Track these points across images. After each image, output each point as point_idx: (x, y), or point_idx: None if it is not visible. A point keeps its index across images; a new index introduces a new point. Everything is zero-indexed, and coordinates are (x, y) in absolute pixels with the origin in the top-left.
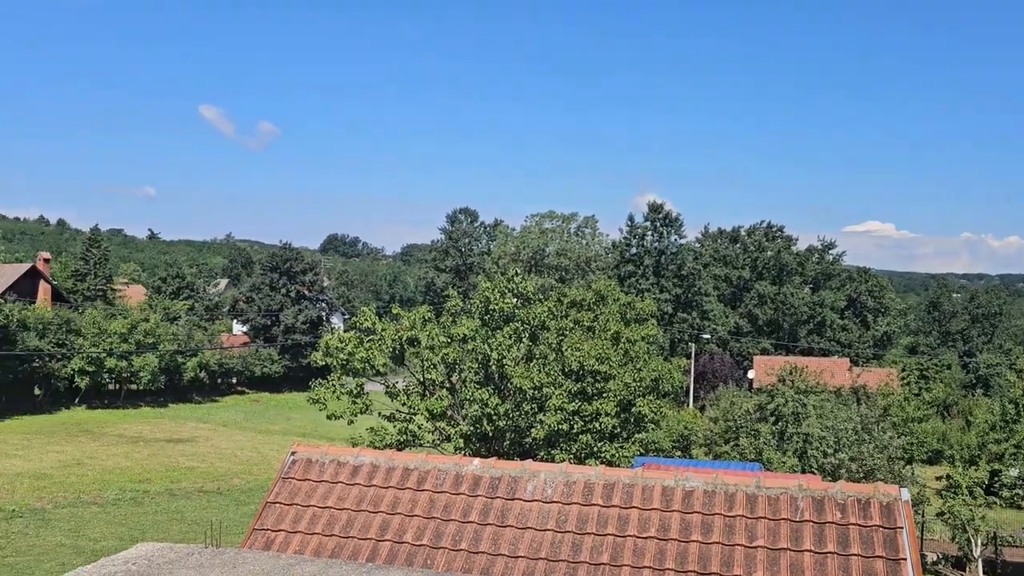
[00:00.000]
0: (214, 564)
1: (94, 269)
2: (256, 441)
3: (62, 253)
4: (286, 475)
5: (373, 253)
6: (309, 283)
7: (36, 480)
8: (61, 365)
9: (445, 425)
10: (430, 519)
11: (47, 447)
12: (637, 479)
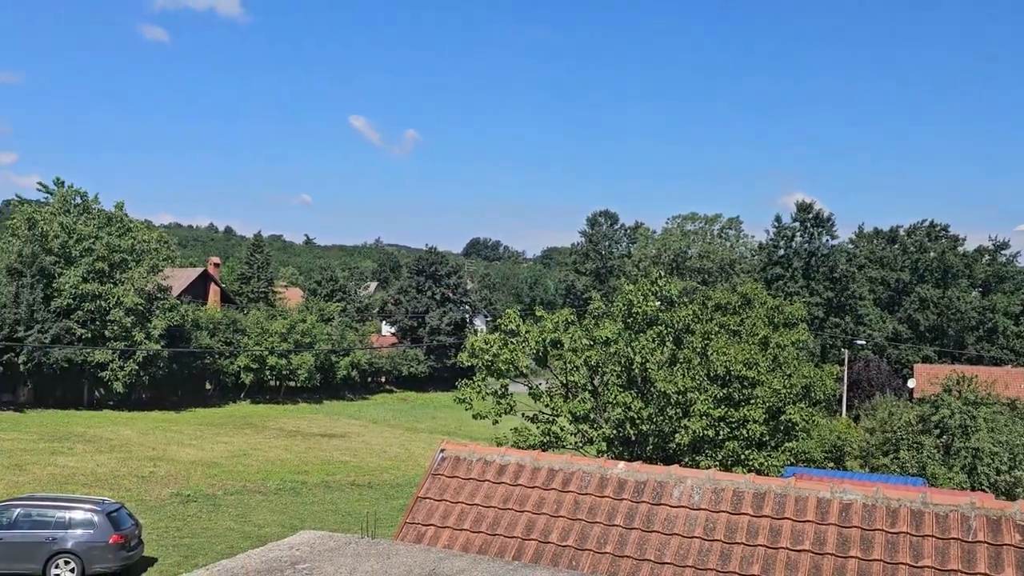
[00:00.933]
0: (370, 554)
1: (257, 273)
2: (404, 438)
3: (229, 258)
4: (436, 472)
5: (514, 256)
6: (453, 286)
7: (208, 468)
8: (228, 362)
9: (587, 428)
10: (575, 520)
11: (217, 438)
12: (789, 489)
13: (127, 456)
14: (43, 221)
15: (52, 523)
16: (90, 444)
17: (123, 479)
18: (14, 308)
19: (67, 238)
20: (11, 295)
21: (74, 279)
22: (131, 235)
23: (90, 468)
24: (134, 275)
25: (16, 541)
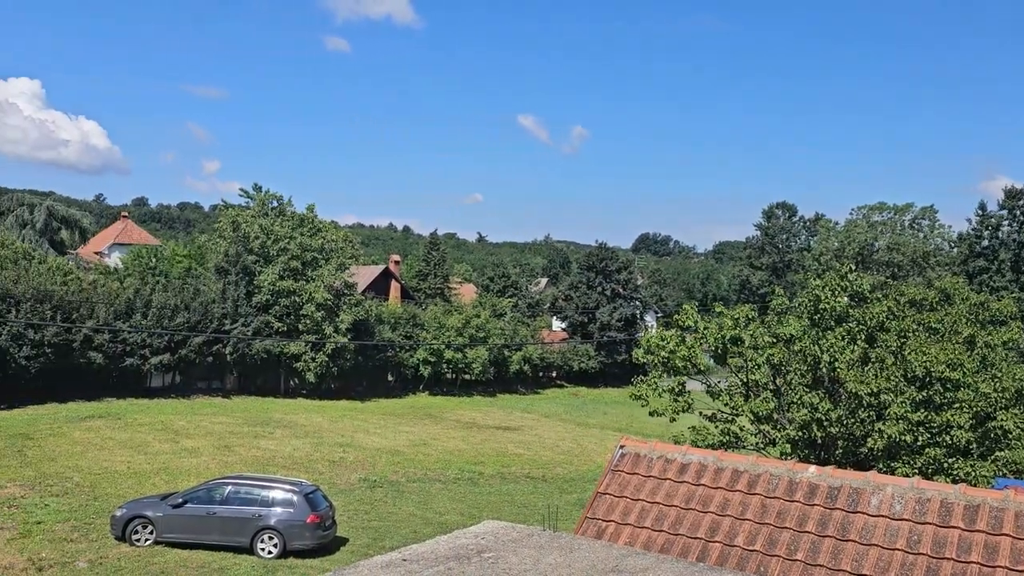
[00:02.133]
0: (552, 547)
1: (433, 270)
2: (575, 433)
3: (408, 256)
4: (615, 468)
5: (685, 251)
6: (623, 282)
7: (392, 456)
8: (408, 355)
9: (770, 428)
10: (762, 524)
11: (399, 427)
12: (1008, 502)
13: (319, 442)
14: (245, 224)
15: (258, 501)
16: (287, 429)
17: (316, 463)
18: (221, 303)
19: (265, 239)
20: (219, 291)
21: (272, 276)
22: (321, 235)
23: (287, 451)
24: (324, 272)
25: (228, 516)
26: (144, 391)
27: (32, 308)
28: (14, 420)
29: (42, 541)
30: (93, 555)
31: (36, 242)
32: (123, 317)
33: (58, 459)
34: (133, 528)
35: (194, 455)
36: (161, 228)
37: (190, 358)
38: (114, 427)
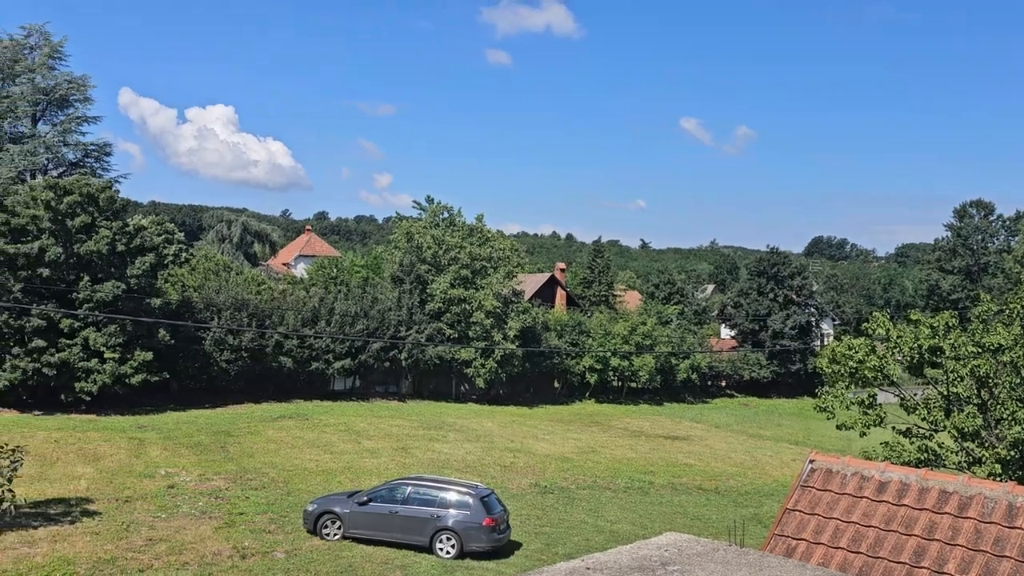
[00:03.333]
0: (740, 563)
1: (598, 277)
2: (748, 445)
3: (572, 263)
4: (805, 483)
5: (863, 255)
6: (797, 287)
7: (561, 462)
8: (575, 362)
9: (975, 446)
10: (976, 552)
11: (566, 434)
12: None
13: (490, 446)
14: (418, 234)
15: (436, 502)
16: (460, 433)
17: (488, 467)
18: (397, 311)
19: (437, 249)
20: (395, 300)
21: (443, 285)
22: (489, 244)
23: (460, 455)
24: (492, 281)
25: (409, 516)
26: (328, 394)
27: (231, 316)
28: (217, 418)
29: (244, 531)
30: (289, 546)
31: (233, 255)
32: (309, 324)
33: (255, 455)
34: (323, 523)
35: (375, 456)
36: (340, 240)
37: (369, 363)
38: (303, 427)
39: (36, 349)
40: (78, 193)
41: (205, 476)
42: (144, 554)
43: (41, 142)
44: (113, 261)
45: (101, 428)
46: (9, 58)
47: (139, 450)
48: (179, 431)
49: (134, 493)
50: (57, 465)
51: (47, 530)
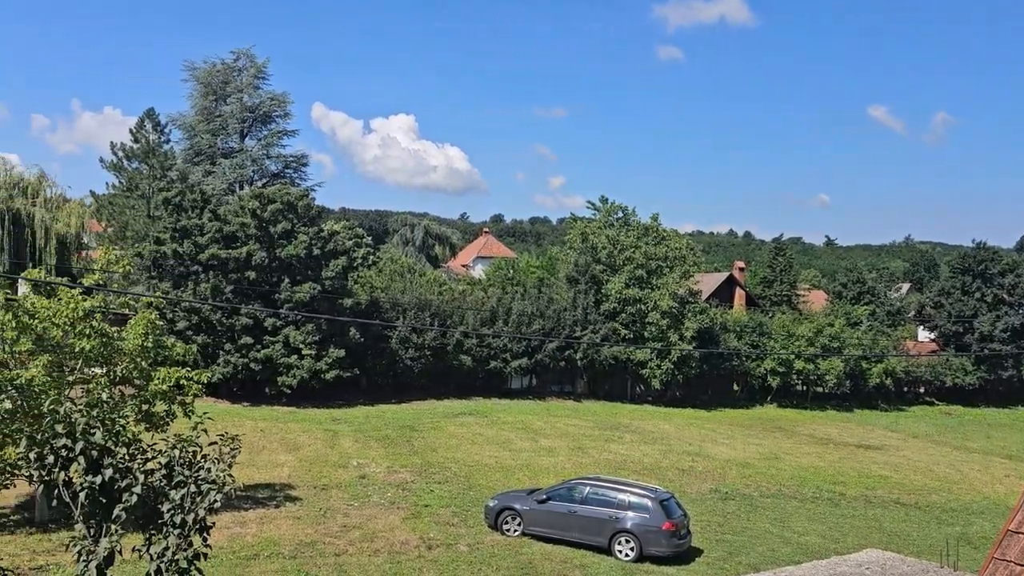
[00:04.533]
0: None
1: (779, 276)
2: (952, 457)
3: (751, 262)
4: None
5: None
6: (1009, 286)
7: (742, 468)
8: (755, 364)
9: None
10: None
11: (747, 439)
12: None
13: (667, 449)
14: (592, 235)
15: (614, 503)
16: (635, 435)
17: (666, 470)
18: (572, 311)
19: (612, 249)
20: (570, 300)
21: (618, 285)
22: (665, 244)
23: (637, 457)
24: (668, 280)
25: (587, 516)
26: (505, 392)
27: (415, 315)
28: (403, 413)
29: (429, 523)
30: (471, 540)
31: (416, 257)
32: (487, 323)
33: (438, 450)
34: (503, 519)
35: (551, 454)
36: (515, 242)
37: (545, 362)
38: (482, 424)
39: (244, 346)
40: (279, 202)
41: (392, 468)
42: (340, 539)
43: (248, 156)
44: (310, 264)
45: (300, 420)
46: (221, 81)
47: (333, 441)
48: (368, 424)
49: (330, 481)
50: (263, 453)
51: (255, 512)
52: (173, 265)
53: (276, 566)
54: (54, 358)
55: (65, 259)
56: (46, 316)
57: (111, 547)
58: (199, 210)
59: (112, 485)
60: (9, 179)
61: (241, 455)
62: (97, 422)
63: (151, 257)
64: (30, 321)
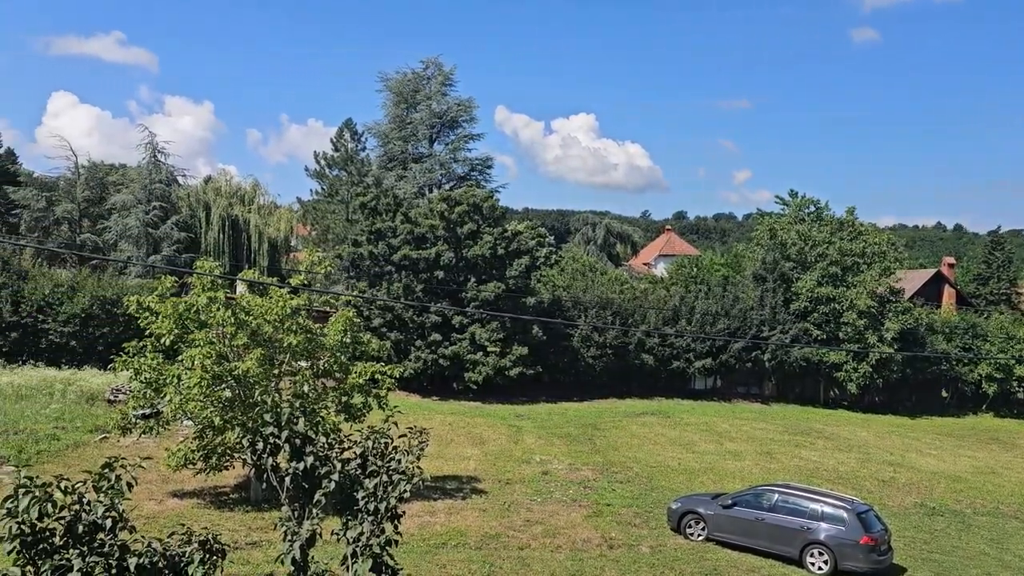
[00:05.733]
0: None
1: (996, 272)
2: None
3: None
4: None
5: None
6: None
7: (952, 482)
8: (967, 369)
9: None
10: None
11: (957, 450)
12: None
13: (865, 458)
14: (781, 230)
15: (806, 513)
16: (829, 441)
17: (863, 480)
18: (759, 310)
19: (803, 245)
20: (756, 298)
21: (810, 283)
22: (862, 239)
23: (831, 465)
24: (866, 278)
25: (776, 524)
26: (688, 392)
27: (597, 314)
28: (584, 412)
29: (611, 522)
30: (653, 542)
31: (598, 256)
32: (670, 323)
33: (620, 449)
34: (687, 522)
35: (737, 458)
36: (698, 239)
37: (730, 363)
38: (664, 424)
39: (434, 342)
40: (466, 204)
41: (574, 466)
42: (523, 533)
43: (436, 160)
44: (494, 263)
45: (485, 415)
46: (412, 89)
47: (517, 437)
48: (551, 422)
49: (513, 476)
50: (451, 446)
51: (444, 503)
52: (369, 266)
53: (463, 556)
54: (266, 352)
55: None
56: (259, 313)
57: (312, 529)
58: (392, 213)
59: (313, 472)
60: (229, 188)
61: (431, 447)
62: (300, 412)
63: (349, 258)
64: (246, 318)
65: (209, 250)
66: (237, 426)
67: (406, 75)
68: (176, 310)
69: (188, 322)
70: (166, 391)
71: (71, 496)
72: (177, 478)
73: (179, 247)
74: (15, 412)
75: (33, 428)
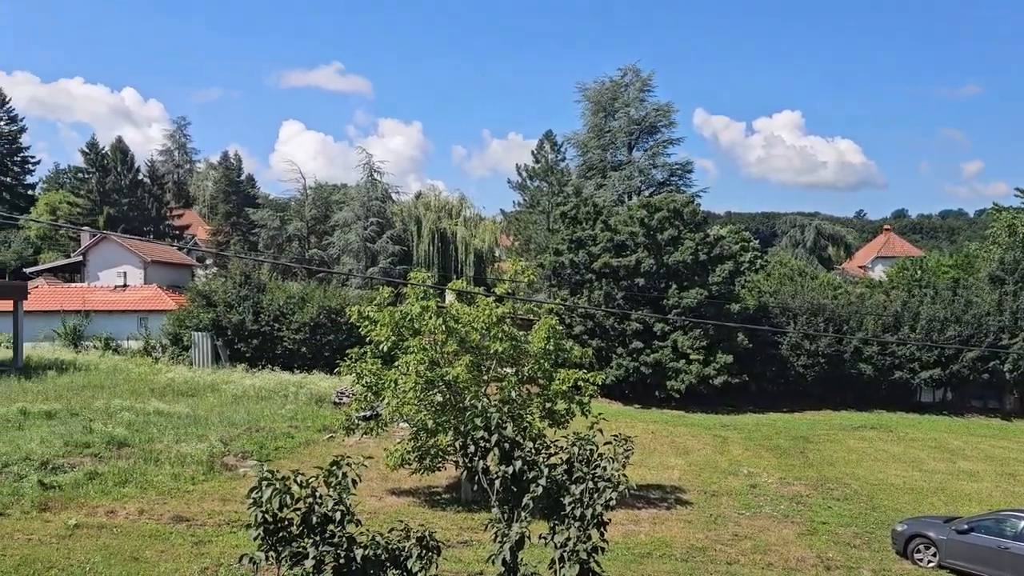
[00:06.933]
0: None
1: None
2: None
3: None
4: None
5: None
6: None
7: None
8: None
9: None
10: None
11: None
12: None
13: None
14: (1022, 226)
15: None
16: None
17: None
18: (997, 316)
19: None
20: (994, 303)
21: None
22: None
23: None
24: None
25: (1023, 555)
26: (913, 405)
27: (807, 320)
28: (795, 423)
29: (827, 541)
30: (875, 565)
31: (807, 259)
32: (890, 330)
33: (835, 464)
34: (914, 547)
35: (973, 479)
36: (922, 239)
37: (962, 374)
38: (886, 439)
39: (635, 350)
40: (666, 209)
41: (785, 480)
42: (731, 548)
43: (635, 167)
44: (696, 270)
45: (689, 424)
46: (610, 97)
47: (722, 447)
48: (758, 432)
49: (719, 488)
50: (654, 455)
51: (648, 512)
52: (570, 274)
53: (668, 567)
54: (474, 358)
55: (481, 270)
56: (467, 321)
57: (521, 532)
58: (592, 222)
59: (521, 476)
60: (438, 203)
61: (633, 455)
62: (508, 417)
63: (551, 267)
64: (455, 325)
65: (420, 262)
66: (450, 429)
67: (604, 84)
68: (393, 318)
69: (403, 330)
70: (384, 394)
71: (305, 489)
72: (394, 477)
73: (394, 259)
74: (257, 412)
75: (271, 427)
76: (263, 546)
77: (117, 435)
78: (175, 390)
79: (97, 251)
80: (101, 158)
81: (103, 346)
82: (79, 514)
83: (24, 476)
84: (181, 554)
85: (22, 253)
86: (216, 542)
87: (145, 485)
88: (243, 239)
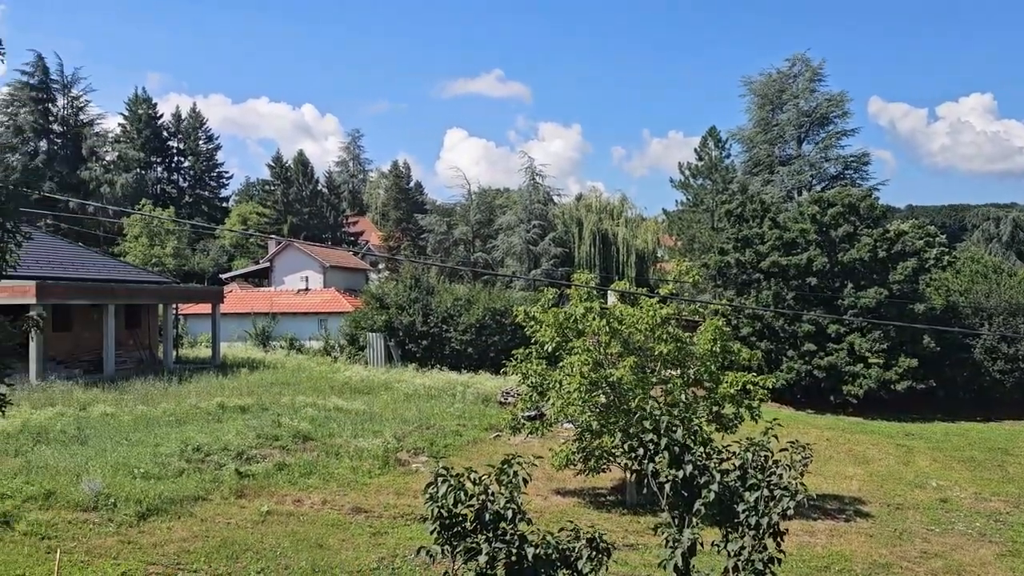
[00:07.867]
0: None
1: None
2: None
3: None
4: None
5: None
6: None
7: None
8: None
9: None
10: None
11: None
12: None
13: None
14: None
15: None
16: None
17: None
18: None
19: None
20: None
21: None
22: None
23: None
24: None
25: None
26: None
27: (1004, 321)
28: (991, 433)
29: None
30: None
31: (1003, 255)
32: None
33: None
34: None
35: None
36: None
37: None
38: None
39: (807, 352)
40: (840, 204)
41: (981, 495)
42: (918, 567)
43: (805, 161)
44: (874, 268)
45: (868, 431)
46: (777, 90)
47: (907, 458)
48: (948, 443)
49: (904, 501)
50: (829, 463)
51: (824, 523)
52: (736, 274)
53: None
54: (638, 360)
55: (643, 271)
56: (631, 322)
57: (693, 538)
58: (759, 219)
59: (692, 480)
60: (598, 204)
61: None
62: (677, 421)
63: (716, 267)
64: (619, 326)
65: (581, 263)
66: (617, 431)
67: (771, 76)
68: (557, 319)
69: (567, 331)
70: (549, 395)
71: (478, 487)
72: (559, 477)
73: (556, 261)
74: (427, 409)
75: (440, 424)
76: (439, 540)
77: (302, 429)
78: (352, 388)
79: (282, 257)
80: (285, 171)
81: (288, 346)
82: (270, 502)
83: (223, 465)
84: (360, 543)
85: (218, 260)
86: (392, 533)
87: (327, 477)
88: (412, 244)
